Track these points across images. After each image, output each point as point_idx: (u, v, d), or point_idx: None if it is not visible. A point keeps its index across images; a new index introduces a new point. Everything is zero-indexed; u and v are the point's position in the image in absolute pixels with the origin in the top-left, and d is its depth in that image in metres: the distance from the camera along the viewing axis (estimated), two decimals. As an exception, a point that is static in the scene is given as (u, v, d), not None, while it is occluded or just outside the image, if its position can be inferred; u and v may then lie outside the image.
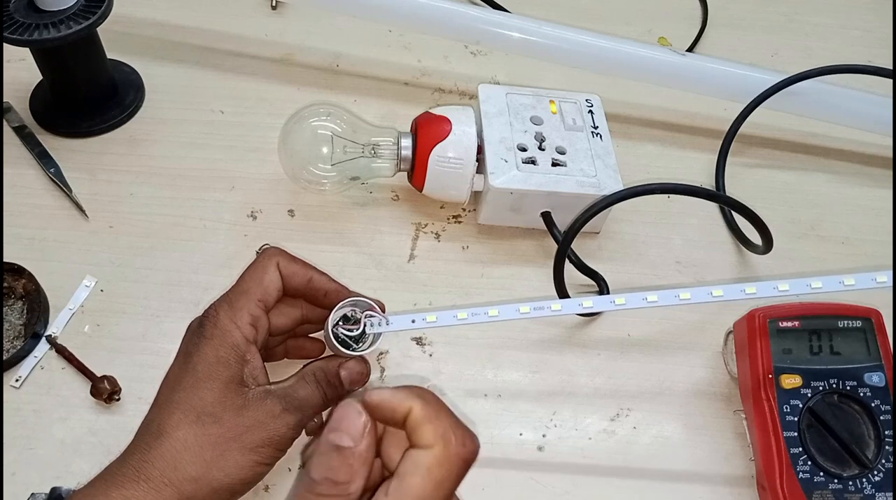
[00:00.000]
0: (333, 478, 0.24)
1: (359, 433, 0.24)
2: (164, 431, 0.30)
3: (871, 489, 0.35)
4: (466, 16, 0.49)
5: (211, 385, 0.31)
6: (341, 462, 0.24)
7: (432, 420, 0.24)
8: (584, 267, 0.44)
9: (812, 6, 0.64)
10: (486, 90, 0.47)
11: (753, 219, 0.42)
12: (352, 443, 0.24)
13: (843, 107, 0.51)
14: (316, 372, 0.33)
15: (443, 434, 0.24)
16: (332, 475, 0.24)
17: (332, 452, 0.24)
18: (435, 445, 0.24)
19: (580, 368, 0.42)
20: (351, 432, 0.24)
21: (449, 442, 0.24)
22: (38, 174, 0.47)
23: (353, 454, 0.24)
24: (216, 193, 0.47)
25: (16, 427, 0.37)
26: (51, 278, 0.42)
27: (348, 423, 0.24)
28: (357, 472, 0.24)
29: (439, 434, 0.24)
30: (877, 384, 0.37)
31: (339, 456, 0.24)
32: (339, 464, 0.24)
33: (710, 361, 0.42)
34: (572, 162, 0.44)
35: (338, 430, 0.24)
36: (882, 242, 0.49)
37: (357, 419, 0.24)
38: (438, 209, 0.48)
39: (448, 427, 0.24)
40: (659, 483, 0.38)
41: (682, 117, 0.55)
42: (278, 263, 0.34)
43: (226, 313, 0.32)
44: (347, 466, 0.24)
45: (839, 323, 0.38)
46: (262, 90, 0.53)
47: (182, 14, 0.57)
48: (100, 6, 0.45)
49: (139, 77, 0.52)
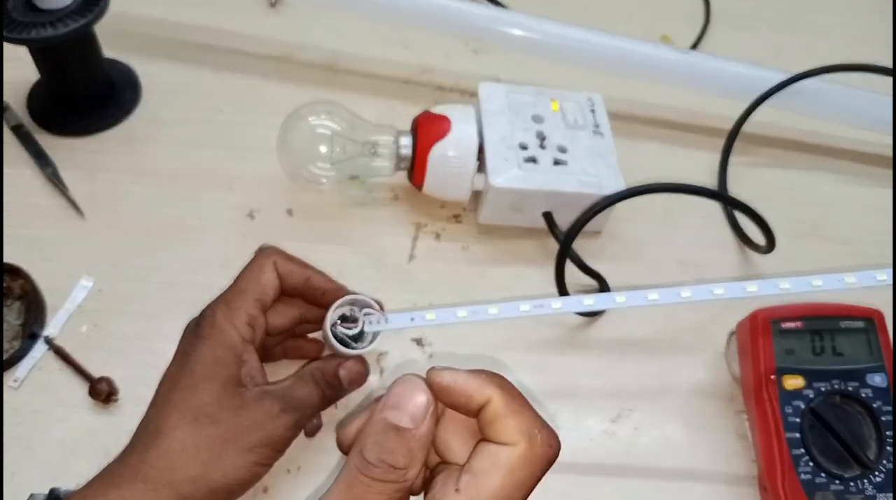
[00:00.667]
0: (391, 462, 0.22)
1: (420, 414, 0.22)
2: (162, 431, 0.30)
3: (872, 490, 0.35)
4: (467, 13, 0.49)
5: (208, 386, 0.30)
6: (400, 444, 0.22)
7: (516, 415, 0.22)
8: (585, 267, 0.43)
9: (815, 4, 0.64)
10: (486, 88, 0.47)
11: (756, 218, 0.42)
12: (412, 424, 0.22)
13: (846, 106, 0.51)
14: (314, 372, 0.33)
15: (528, 431, 0.22)
16: (390, 458, 0.22)
17: (391, 432, 0.22)
18: (519, 443, 0.22)
19: (581, 368, 0.42)
20: (412, 411, 0.22)
21: (534, 441, 0.22)
22: (36, 174, 0.47)
23: (413, 436, 0.22)
24: (214, 193, 0.47)
25: (14, 428, 0.37)
26: (48, 279, 0.41)
27: (408, 401, 0.22)
28: (416, 457, 0.22)
29: (524, 431, 0.22)
30: (879, 385, 0.36)
31: (398, 438, 0.22)
32: (397, 446, 0.22)
33: (712, 361, 0.42)
34: (574, 161, 0.44)
35: (397, 408, 0.22)
36: (885, 242, 0.49)
37: (419, 397, 0.22)
38: (438, 209, 0.48)
39: (533, 424, 0.22)
40: (660, 484, 0.38)
41: (684, 116, 0.54)
42: (275, 262, 0.34)
43: (223, 313, 0.32)
44: (407, 449, 0.22)
45: (841, 324, 0.38)
46: (260, 88, 0.53)
47: (180, 12, 0.57)
48: (97, 4, 0.44)
49: (136, 75, 0.52)
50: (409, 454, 0.22)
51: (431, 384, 0.23)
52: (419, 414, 0.22)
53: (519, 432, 0.22)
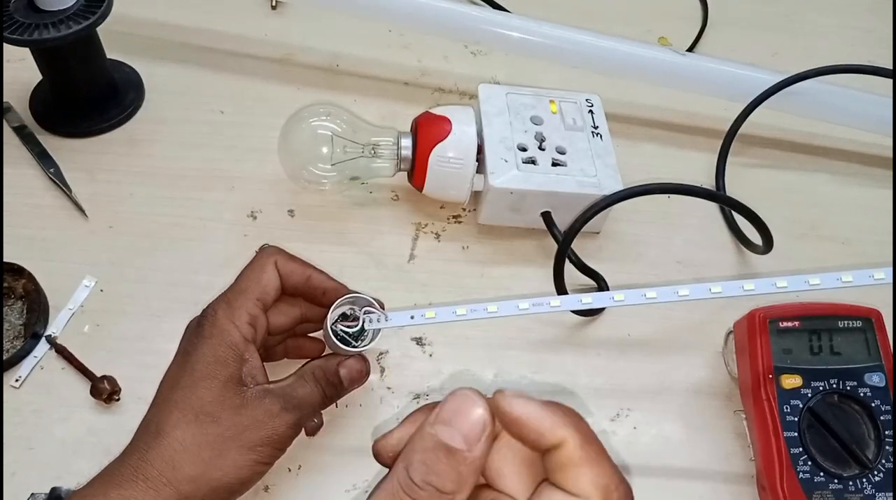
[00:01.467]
0: (438, 486, 0.19)
1: (476, 435, 0.20)
2: (163, 430, 0.30)
3: (871, 490, 0.35)
4: (466, 16, 0.49)
5: (209, 385, 0.31)
6: (450, 468, 0.19)
7: (593, 465, 0.20)
8: (584, 267, 0.43)
9: (812, 6, 0.64)
10: (486, 90, 0.47)
11: (753, 219, 0.42)
12: (465, 446, 0.19)
13: (843, 107, 0.51)
14: (315, 371, 0.33)
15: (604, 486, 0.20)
16: (437, 481, 0.19)
17: (441, 452, 0.20)
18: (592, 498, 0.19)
19: (580, 368, 0.42)
20: (467, 431, 0.20)
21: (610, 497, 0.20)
22: (38, 174, 0.47)
23: (465, 459, 0.19)
24: (216, 193, 0.47)
25: (16, 427, 0.37)
26: (50, 278, 0.42)
27: (464, 419, 0.20)
28: (466, 482, 0.20)
29: (601, 486, 0.20)
30: (877, 384, 0.37)
31: (450, 460, 0.19)
32: (446, 469, 0.19)
33: (711, 361, 0.42)
34: (572, 162, 0.44)
35: (450, 425, 0.20)
36: (882, 242, 0.49)
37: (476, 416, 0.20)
38: (438, 209, 0.48)
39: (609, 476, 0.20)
40: (659, 483, 0.38)
41: (682, 117, 0.55)
42: (276, 261, 0.34)
43: (224, 312, 0.32)
44: (457, 473, 0.19)
45: (839, 323, 0.38)
46: (262, 90, 0.53)
47: (182, 14, 0.57)
48: (99, 6, 0.45)
49: (139, 77, 0.52)
50: (459, 479, 0.20)
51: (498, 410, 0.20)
52: (474, 435, 0.20)
53: (594, 486, 0.20)
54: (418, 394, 0.40)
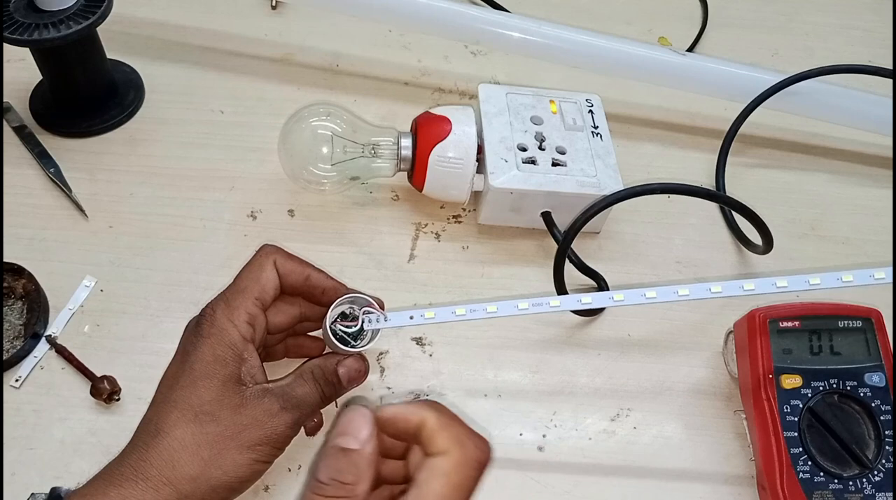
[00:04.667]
0: (340, 479, 0.24)
1: (365, 436, 0.25)
2: (162, 430, 0.30)
3: (871, 489, 0.35)
4: (466, 16, 0.49)
5: (209, 384, 0.31)
6: (348, 464, 0.24)
7: (446, 428, 0.25)
8: (584, 267, 0.43)
9: (812, 6, 0.64)
10: (486, 90, 0.47)
11: (753, 219, 0.42)
12: (358, 445, 0.25)
13: (843, 107, 0.51)
14: (314, 370, 0.33)
15: (458, 439, 0.25)
16: (340, 476, 0.24)
17: (339, 454, 0.25)
18: (451, 450, 0.25)
19: (580, 368, 0.42)
20: (357, 435, 0.25)
21: (465, 446, 0.25)
22: (38, 174, 0.47)
23: (360, 455, 0.24)
24: (216, 193, 0.47)
25: (16, 427, 0.37)
26: (50, 278, 0.42)
27: (355, 427, 0.25)
28: (363, 473, 0.24)
29: (454, 439, 0.25)
30: (877, 384, 0.37)
31: (346, 458, 0.24)
32: (345, 466, 0.24)
33: (711, 361, 0.42)
34: (572, 162, 0.44)
35: (344, 434, 0.25)
36: (882, 242, 0.49)
37: (363, 422, 0.25)
38: (438, 209, 0.48)
39: (462, 433, 0.25)
40: (659, 483, 0.38)
41: (682, 117, 0.55)
42: (275, 260, 0.34)
43: (223, 311, 0.32)
44: (354, 467, 0.24)
45: (839, 323, 0.38)
46: (261, 90, 0.53)
47: (182, 14, 0.57)
48: (99, 6, 0.45)
49: (139, 77, 0.52)
50: (357, 471, 0.24)
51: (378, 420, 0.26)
52: (364, 436, 0.25)
53: (450, 440, 0.25)
54: (418, 394, 0.40)
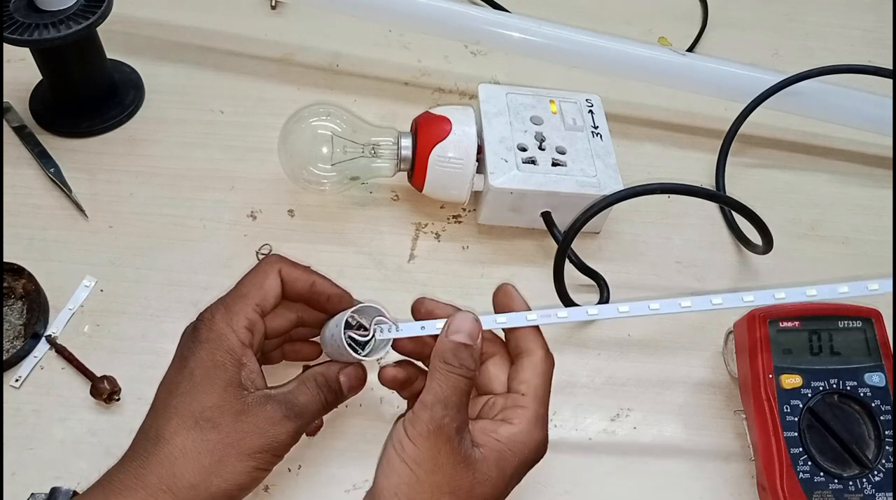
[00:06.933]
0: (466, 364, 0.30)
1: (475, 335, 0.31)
2: (163, 437, 0.29)
3: (871, 490, 0.35)
4: (466, 16, 0.49)
5: (209, 390, 0.30)
6: (468, 355, 0.31)
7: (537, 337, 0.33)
8: (584, 267, 0.43)
9: (812, 6, 0.64)
10: (486, 90, 0.47)
11: (753, 219, 0.42)
12: (472, 342, 0.31)
13: (843, 107, 0.51)
14: (317, 377, 0.33)
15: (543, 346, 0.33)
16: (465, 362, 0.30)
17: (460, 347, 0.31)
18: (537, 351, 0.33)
19: (580, 368, 0.42)
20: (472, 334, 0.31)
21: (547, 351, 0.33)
22: (38, 174, 0.47)
23: (474, 349, 0.31)
24: (216, 193, 0.47)
25: (16, 427, 0.37)
26: (50, 278, 0.42)
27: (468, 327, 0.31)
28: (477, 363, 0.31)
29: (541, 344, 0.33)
30: (877, 384, 0.37)
31: (466, 351, 0.31)
32: (466, 355, 0.31)
33: (710, 361, 0.42)
34: (572, 162, 0.44)
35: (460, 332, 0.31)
36: (882, 242, 0.49)
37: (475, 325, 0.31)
38: (438, 209, 0.48)
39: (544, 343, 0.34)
40: (659, 483, 0.38)
41: (682, 117, 0.55)
42: (280, 269, 0.34)
43: (222, 316, 0.32)
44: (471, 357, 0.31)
45: (839, 323, 0.38)
46: (261, 90, 0.53)
47: (182, 14, 0.57)
48: (99, 6, 0.45)
49: (139, 77, 0.52)
50: (474, 361, 0.31)
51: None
52: (474, 335, 0.31)
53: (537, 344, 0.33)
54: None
